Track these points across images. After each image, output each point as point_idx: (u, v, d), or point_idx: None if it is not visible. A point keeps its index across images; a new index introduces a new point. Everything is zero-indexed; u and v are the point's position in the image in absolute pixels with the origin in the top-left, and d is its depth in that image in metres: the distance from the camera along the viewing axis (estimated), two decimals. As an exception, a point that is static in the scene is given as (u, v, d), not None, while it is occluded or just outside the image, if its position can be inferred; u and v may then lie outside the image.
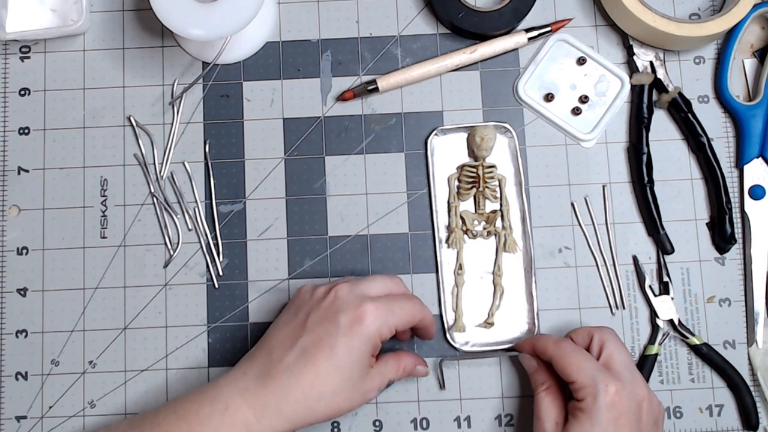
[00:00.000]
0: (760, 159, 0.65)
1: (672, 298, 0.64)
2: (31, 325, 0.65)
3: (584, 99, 0.66)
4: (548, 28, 0.66)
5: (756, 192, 0.65)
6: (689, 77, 0.67)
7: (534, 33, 0.66)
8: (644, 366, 0.63)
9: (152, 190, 0.66)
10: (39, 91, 0.68)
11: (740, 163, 0.66)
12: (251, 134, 0.67)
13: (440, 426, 0.63)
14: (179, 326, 0.65)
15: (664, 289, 0.64)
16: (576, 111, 0.66)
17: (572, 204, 0.66)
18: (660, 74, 0.66)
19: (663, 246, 0.65)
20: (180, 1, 0.61)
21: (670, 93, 0.65)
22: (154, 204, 0.66)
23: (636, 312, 0.65)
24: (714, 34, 0.64)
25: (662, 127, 0.66)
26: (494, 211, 0.65)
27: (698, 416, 0.63)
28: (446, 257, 0.65)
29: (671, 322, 0.64)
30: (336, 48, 0.68)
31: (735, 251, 0.65)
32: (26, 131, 0.67)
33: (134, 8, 0.69)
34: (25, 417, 0.64)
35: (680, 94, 0.65)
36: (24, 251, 0.66)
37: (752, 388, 0.63)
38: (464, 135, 0.66)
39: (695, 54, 0.67)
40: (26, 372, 0.64)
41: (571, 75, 0.67)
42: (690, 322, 0.64)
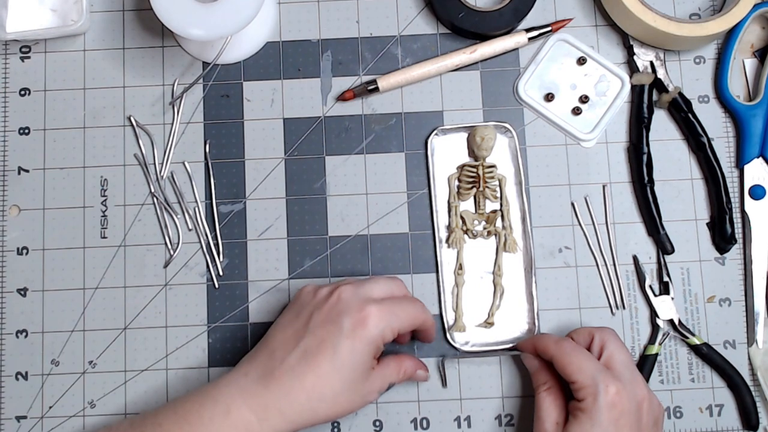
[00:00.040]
0: (761, 159, 0.65)
1: (672, 298, 0.64)
2: (31, 325, 0.65)
3: (584, 99, 0.66)
4: (548, 28, 0.66)
5: (756, 192, 0.65)
6: (689, 77, 0.67)
7: (534, 33, 0.66)
8: (644, 366, 0.63)
9: (152, 190, 0.66)
10: (39, 91, 0.68)
11: (740, 163, 0.66)
12: (251, 134, 0.67)
13: (440, 426, 0.63)
14: (179, 326, 0.65)
15: (664, 289, 0.64)
16: (576, 111, 0.66)
17: (572, 204, 0.66)
18: (660, 74, 0.66)
19: (663, 246, 0.65)
20: (180, 1, 0.61)
21: (671, 93, 0.65)
22: (154, 204, 0.66)
23: (636, 312, 0.65)
24: (714, 34, 0.64)
25: (662, 127, 0.66)
26: (494, 211, 0.65)
27: (698, 416, 0.63)
28: (446, 257, 0.65)
29: (671, 322, 0.64)
30: (336, 48, 0.68)
31: (735, 251, 0.65)
32: (26, 131, 0.67)
33: (134, 8, 0.68)
34: (25, 417, 0.64)
35: (680, 94, 0.65)
36: (24, 251, 0.66)
37: (752, 388, 0.63)
38: (464, 135, 0.66)
39: (695, 54, 0.67)
40: (26, 372, 0.64)
41: (572, 75, 0.67)
42: (690, 322, 0.64)
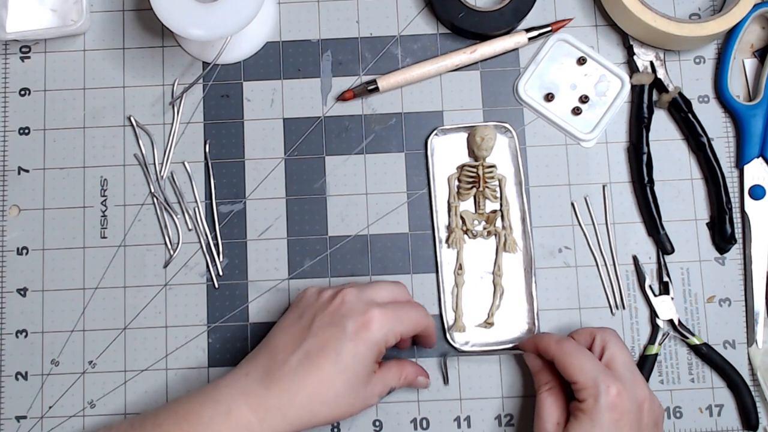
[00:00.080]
0: (761, 159, 0.65)
1: (672, 298, 0.64)
2: (31, 325, 0.65)
3: (584, 99, 0.66)
4: (548, 28, 0.66)
5: (756, 192, 0.65)
6: (689, 77, 0.67)
7: (534, 33, 0.66)
8: (644, 366, 0.63)
9: (152, 190, 0.66)
10: (39, 91, 0.68)
11: (740, 163, 0.66)
12: (251, 134, 0.67)
13: (440, 426, 0.63)
14: (179, 326, 0.65)
15: (664, 289, 0.64)
16: (576, 111, 0.66)
17: (572, 204, 0.66)
18: (660, 74, 0.66)
19: (663, 246, 0.65)
20: (180, 1, 0.61)
21: (671, 93, 0.65)
22: (154, 204, 0.66)
23: (636, 312, 0.65)
24: (714, 34, 0.64)
25: (662, 127, 0.66)
26: (494, 211, 0.65)
27: (698, 416, 0.63)
28: (446, 257, 0.65)
29: (671, 322, 0.64)
30: (336, 48, 0.68)
31: (735, 251, 0.65)
32: (26, 131, 0.67)
33: (134, 8, 0.68)
34: (25, 417, 0.64)
35: (680, 94, 0.65)
36: (24, 251, 0.66)
37: (752, 388, 0.63)
38: (464, 135, 0.66)
39: (695, 54, 0.67)
40: (26, 372, 0.64)
41: (572, 75, 0.67)
42: (690, 322, 0.64)
